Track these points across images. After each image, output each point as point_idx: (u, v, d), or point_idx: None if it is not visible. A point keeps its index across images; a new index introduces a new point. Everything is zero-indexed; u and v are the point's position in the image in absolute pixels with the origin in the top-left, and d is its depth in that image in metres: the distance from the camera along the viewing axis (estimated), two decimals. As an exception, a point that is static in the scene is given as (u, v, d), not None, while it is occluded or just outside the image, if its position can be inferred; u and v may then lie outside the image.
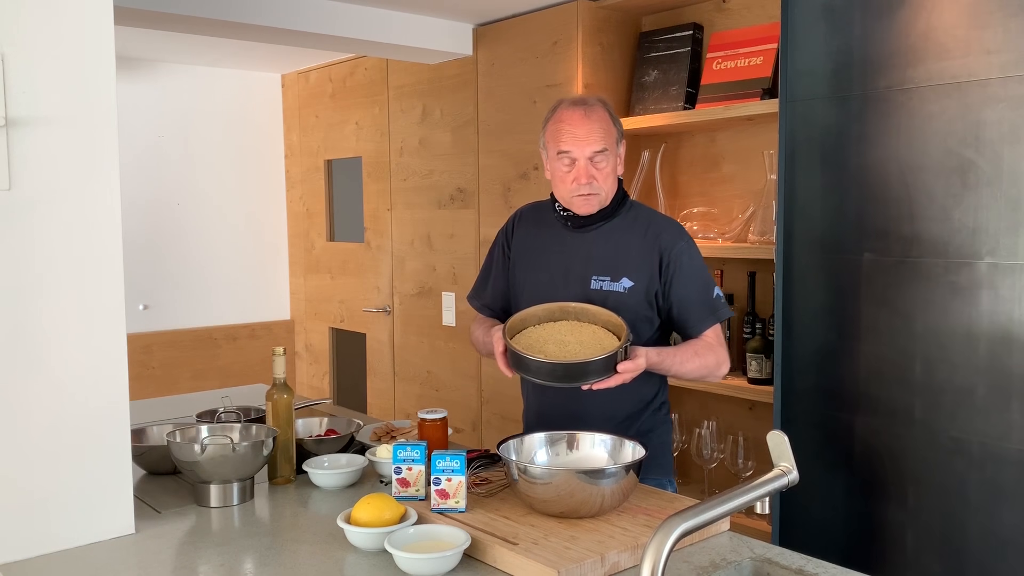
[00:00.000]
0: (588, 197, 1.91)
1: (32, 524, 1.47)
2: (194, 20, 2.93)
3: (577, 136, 1.87)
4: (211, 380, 4.54)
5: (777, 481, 1.18)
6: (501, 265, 2.10)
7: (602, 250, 1.94)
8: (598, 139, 1.87)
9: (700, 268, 1.97)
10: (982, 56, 1.86)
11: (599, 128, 1.87)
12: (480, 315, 2.16)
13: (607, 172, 1.90)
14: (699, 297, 1.94)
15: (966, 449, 1.92)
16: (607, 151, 1.88)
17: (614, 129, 1.92)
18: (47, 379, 1.48)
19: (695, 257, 1.96)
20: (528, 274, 2.03)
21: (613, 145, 1.91)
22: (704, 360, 1.92)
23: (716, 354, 1.93)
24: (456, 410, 3.66)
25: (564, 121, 1.89)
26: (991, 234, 1.86)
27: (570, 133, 1.88)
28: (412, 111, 3.95)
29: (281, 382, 1.88)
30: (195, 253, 4.56)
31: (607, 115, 1.91)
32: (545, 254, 2.01)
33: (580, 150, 1.87)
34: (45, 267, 1.47)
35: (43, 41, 1.46)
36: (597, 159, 1.88)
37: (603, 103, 1.93)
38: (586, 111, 1.88)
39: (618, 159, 1.94)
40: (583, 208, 1.93)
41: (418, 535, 1.45)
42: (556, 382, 1.75)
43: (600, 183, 1.89)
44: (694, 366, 1.90)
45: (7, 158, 1.43)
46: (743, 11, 2.91)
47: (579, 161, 1.88)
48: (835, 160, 2.13)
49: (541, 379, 1.76)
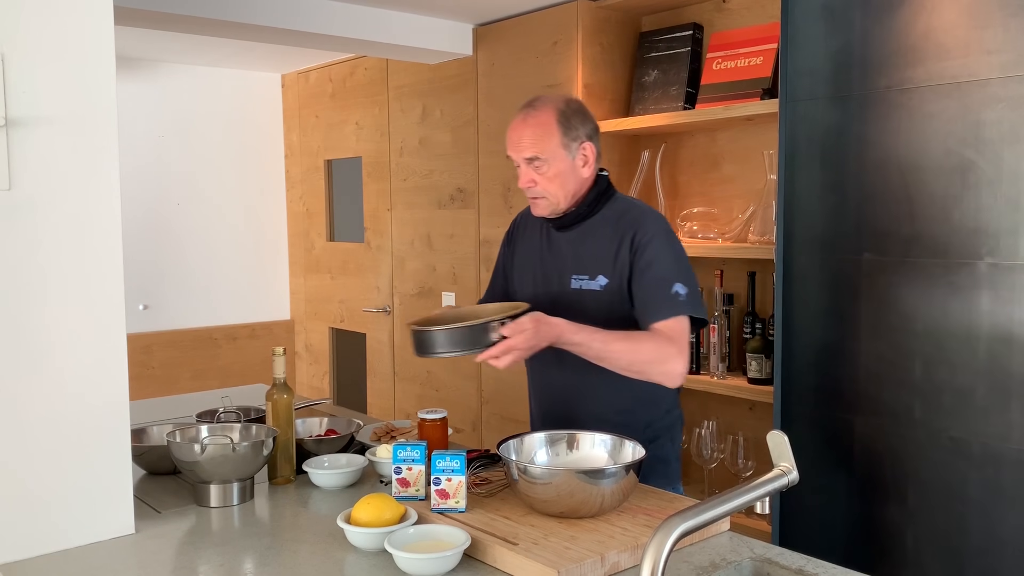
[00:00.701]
0: (535, 200, 1.92)
1: (32, 524, 1.47)
2: (194, 20, 2.93)
3: (513, 141, 1.89)
4: (211, 380, 4.54)
5: (777, 481, 1.18)
6: (501, 268, 2.13)
7: (580, 249, 1.93)
8: (528, 145, 1.86)
9: (664, 259, 1.84)
10: (982, 56, 1.86)
11: (531, 134, 1.85)
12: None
13: (549, 176, 1.86)
14: (654, 287, 1.81)
15: (966, 449, 1.92)
16: (539, 159, 1.85)
17: (556, 132, 1.85)
18: (47, 379, 1.48)
19: (663, 248, 1.85)
20: (521, 275, 2.05)
21: (553, 149, 1.85)
22: (637, 346, 1.76)
23: (658, 346, 1.76)
24: (456, 410, 3.66)
25: (510, 125, 1.91)
26: (991, 234, 1.86)
27: (510, 138, 1.89)
28: (412, 111, 3.96)
29: (281, 382, 1.88)
30: (195, 253, 4.56)
31: (550, 118, 1.85)
32: (533, 255, 2.02)
33: (517, 155, 1.89)
34: (45, 267, 1.47)
35: (43, 41, 1.46)
36: (537, 163, 1.86)
37: (554, 107, 1.87)
38: (525, 116, 1.88)
39: (581, 159, 1.89)
40: (535, 210, 1.94)
41: (418, 535, 1.45)
42: (452, 349, 1.69)
43: (542, 187, 1.88)
44: (621, 348, 1.74)
45: (7, 158, 1.43)
46: (743, 11, 2.91)
47: (521, 166, 1.89)
48: (835, 160, 2.13)
49: (436, 351, 1.71)
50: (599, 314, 1.83)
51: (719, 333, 2.79)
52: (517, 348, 1.67)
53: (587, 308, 1.85)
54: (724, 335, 2.80)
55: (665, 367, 1.76)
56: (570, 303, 1.88)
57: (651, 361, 1.76)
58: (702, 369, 2.88)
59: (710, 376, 2.82)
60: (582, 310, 1.85)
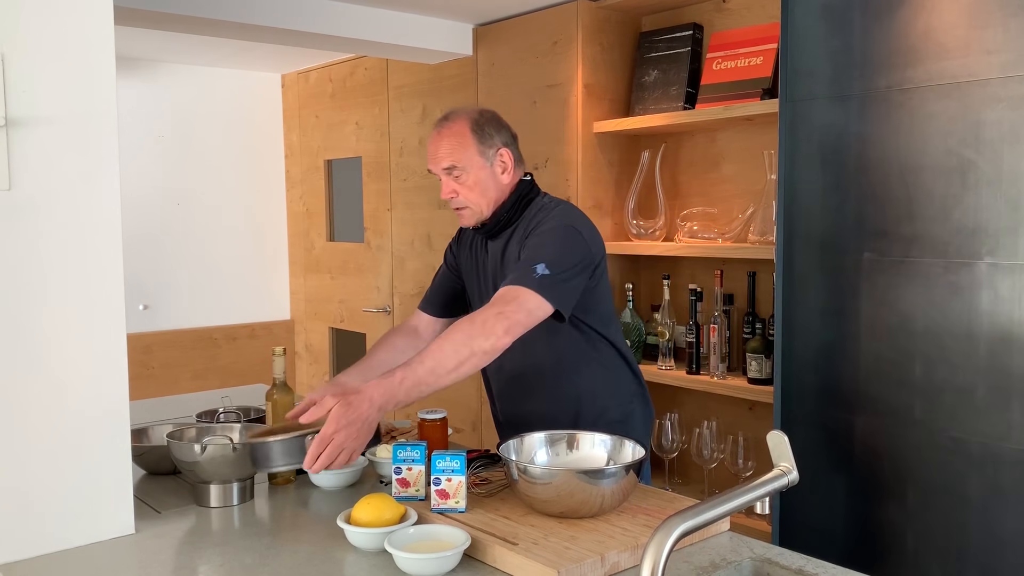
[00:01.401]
0: (459, 211, 1.95)
1: (32, 524, 1.47)
2: (194, 20, 2.93)
3: (431, 154, 1.93)
4: (211, 380, 4.54)
5: (777, 481, 1.18)
6: (445, 275, 2.16)
7: (506, 255, 1.95)
8: (445, 155, 1.90)
9: (544, 245, 1.78)
10: (982, 56, 1.86)
11: (447, 144, 1.89)
12: (393, 330, 2.16)
13: (469, 185, 1.90)
14: (520, 263, 1.77)
15: (966, 449, 1.92)
16: (457, 168, 1.89)
17: (472, 141, 1.89)
18: (47, 379, 1.48)
19: (549, 237, 1.81)
20: (469, 283, 2.09)
21: (470, 159, 1.89)
22: (447, 337, 1.62)
23: (469, 322, 1.63)
24: (456, 410, 3.66)
25: (429, 140, 1.95)
26: (991, 234, 1.86)
27: (429, 152, 1.94)
28: (412, 111, 3.95)
29: (281, 382, 1.88)
30: (195, 253, 4.56)
31: (464, 128, 1.89)
32: (473, 267, 2.06)
33: (436, 167, 1.92)
34: (45, 267, 1.47)
35: (43, 41, 1.46)
36: (456, 173, 1.90)
37: (467, 117, 1.91)
38: (440, 129, 1.92)
39: (500, 167, 1.92)
40: (461, 221, 1.98)
41: (418, 535, 1.45)
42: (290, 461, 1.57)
43: (463, 196, 1.91)
44: (436, 351, 1.60)
45: (7, 158, 1.43)
46: (743, 11, 2.91)
47: (442, 179, 1.93)
48: (835, 160, 2.13)
49: (276, 465, 1.59)
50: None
51: (719, 333, 2.79)
52: (340, 443, 1.51)
53: None
54: (724, 335, 2.80)
55: (487, 329, 1.62)
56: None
57: (470, 336, 1.61)
58: (702, 369, 2.88)
59: (710, 376, 2.83)
60: None
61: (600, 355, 1.97)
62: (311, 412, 1.54)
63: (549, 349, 1.93)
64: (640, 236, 3.08)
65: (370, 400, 1.53)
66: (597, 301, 1.93)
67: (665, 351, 2.96)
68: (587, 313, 1.91)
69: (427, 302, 2.17)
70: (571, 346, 1.94)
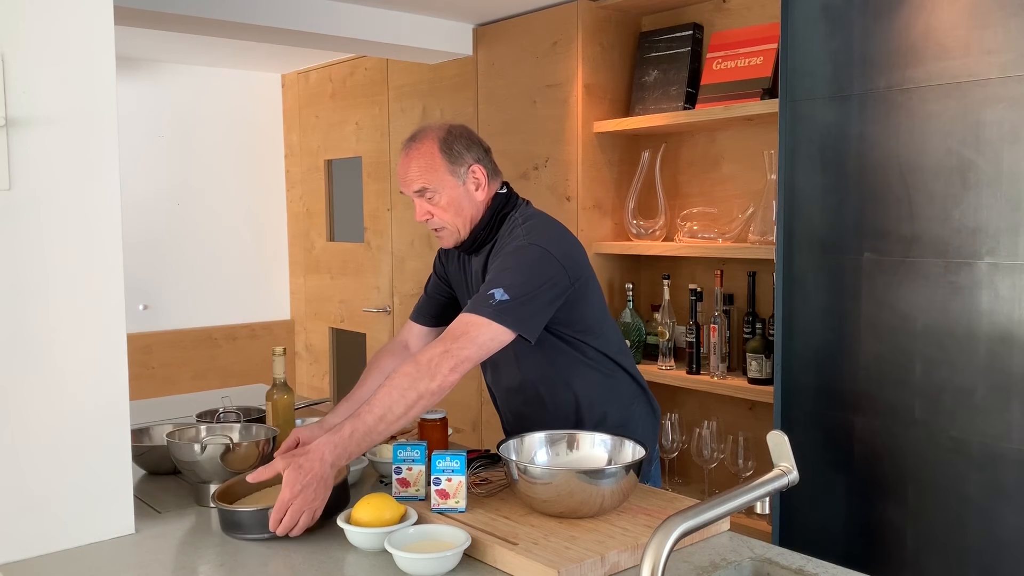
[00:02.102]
0: (437, 233, 1.92)
1: (32, 524, 1.47)
2: (194, 20, 2.93)
3: (401, 176, 1.88)
4: (211, 380, 4.54)
5: (777, 481, 1.18)
6: (435, 285, 2.13)
7: (485, 270, 1.91)
8: (415, 177, 1.85)
9: (507, 268, 1.76)
10: (982, 56, 1.86)
11: (415, 167, 1.84)
12: (384, 349, 2.12)
13: (443, 205, 1.86)
14: (482, 289, 1.74)
15: (966, 449, 1.92)
16: (428, 189, 1.84)
17: (440, 161, 1.84)
18: (47, 379, 1.48)
19: (514, 259, 1.77)
20: (458, 292, 2.06)
21: (440, 178, 1.84)
22: (393, 382, 1.59)
23: (415, 364, 1.60)
24: (456, 410, 3.66)
25: (398, 162, 1.90)
26: (991, 234, 1.86)
27: (399, 174, 1.89)
28: (412, 111, 3.96)
29: (281, 382, 1.88)
30: (195, 253, 4.56)
31: (433, 148, 1.84)
32: (461, 275, 2.04)
33: (407, 189, 1.88)
34: (45, 267, 1.47)
35: (43, 41, 1.46)
36: (428, 194, 1.86)
37: (435, 134, 1.86)
38: (407, 150, 1.87)
39: (470, 183, 1.87)
40: (440, 243, 1.95)
41: (418, 535, 1.45)
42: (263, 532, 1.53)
43: (438, 217, 1.88)
44: (383, 397, 1.57)
45: (7, 158, 1.43)
46: (743, 11, 2.91)
47: (415, 200, 1.89)
48: (835, 160, 2.13)
49: (251, 533, 1.54)
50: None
51: (719, 333, 2.79)
52: (299, 508, 1.49)
53: None
54: (724, 335, 2.80)
55: (432, 369, 1.59)
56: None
57: (415, 380, 1.59)
58: (702, 369, 2.88)
59: (710, 376, 2.83)
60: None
61: (593, 362, 1.94)
62: (259, 472, 1.55)
63: (542, 361, 1.91)
64: (640, 236, 3.08)
65: (321, 459, 1.51)
66: (582, 314, 1.87)
67: (665, 351, 2.96)
68: (570, 326, 1.87)
69: (419, 312, 2.14)
70: (561, 357, 1.91)
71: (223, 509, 1.54)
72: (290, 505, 1.49)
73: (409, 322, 2.16)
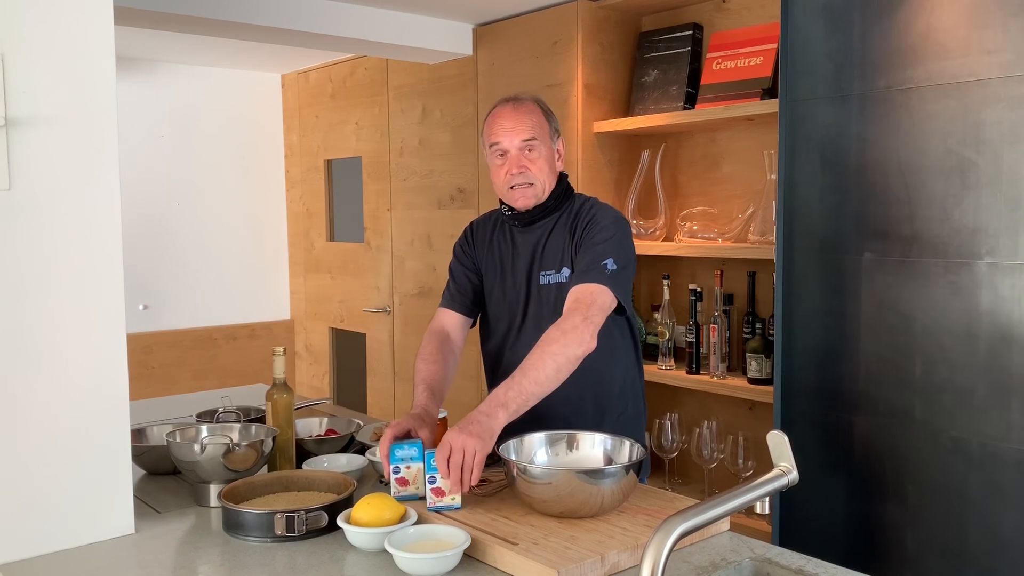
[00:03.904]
0: (523, 188, 1.92)
1: (32, 524, 1.47)
2: (194, 20, 2.93)
3: (506, 127, 1.92)
4: (211, 380, 4.54)
5: (777, 481, 1.18)
6: (465, 272, 2.09)
7: (543, 245, 1.96)
8: (526, 128, 1.91)
9: (607, 240, 1.85)
10: (982, 56, 1.86)
11: (527, 119, 1.92)
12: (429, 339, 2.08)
13: (540, 163, 1.92)
14: (589, 258, 1.83)
15: (966, 449, 1.92)
16: (536, 140, 1.91)
17: (546, 122, 1.96)
18: (47, 379, 1.48)
19: (609, 231, 1.87)
20: (490, 280, 2.05)
21: (545, 136, 1.94)
22: (544, 348, 1.69)
23: (560, 329, 1.71)
24: (456, 410, 3.64)
25: (495, 116, 1.95)
26: (991, 234, 1.86)
27: (500, 125, 1.93)
28: (412, 111, 3.95)
29: (281, 382, 1.88)
30: (195, 253, 4.56)
31: (538, 109, 1.96)
32: (498, 258, 2.04)
33: (510, 140, 1.91)
34: (45, 267, 1.47)
35: (43, 41, 1.46)
36: (533, 144, 1.91)
37: (536, 100, 1.98)
38: (515, 105, 1.94)
39: (556, 154, 1.97)
40: (520, 201, 1.94)
41: (418, 535, 1.45)
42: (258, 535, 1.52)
43: (534, 173, 1.92)
44: (537, 360, 1.67)
45: (7, 158, 1.43)
46: (743, 11, 2.91)
47: (510, 152, 1.92)
48: (835, 160, 2.13)
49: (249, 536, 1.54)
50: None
51: (719, 333, 2.79)
52: (466, 464, 1.55)
53: (558, 301, 1.87)
54: (724, 335, 2.80)
55: (579, 336, 1.70)
56: (542, 299, 1.93)
57: (564, 345, 1.69)
58: (702, 369, 2.88)
59: (710, 376, 2.83)
60: (553, 303, 1.89)
61: (627, 350, 2.00)
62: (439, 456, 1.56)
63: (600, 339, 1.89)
64: (640, 236, 3.08)
65: (488, 415, 1.60)
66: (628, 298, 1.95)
67: (665, 351, 2.96)
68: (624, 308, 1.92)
69: (453, 300, 2.09)
70: (607, 338, 1.88)
71: (229, 508, 1.55)
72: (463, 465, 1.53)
73: (443, 310, 2.10)
